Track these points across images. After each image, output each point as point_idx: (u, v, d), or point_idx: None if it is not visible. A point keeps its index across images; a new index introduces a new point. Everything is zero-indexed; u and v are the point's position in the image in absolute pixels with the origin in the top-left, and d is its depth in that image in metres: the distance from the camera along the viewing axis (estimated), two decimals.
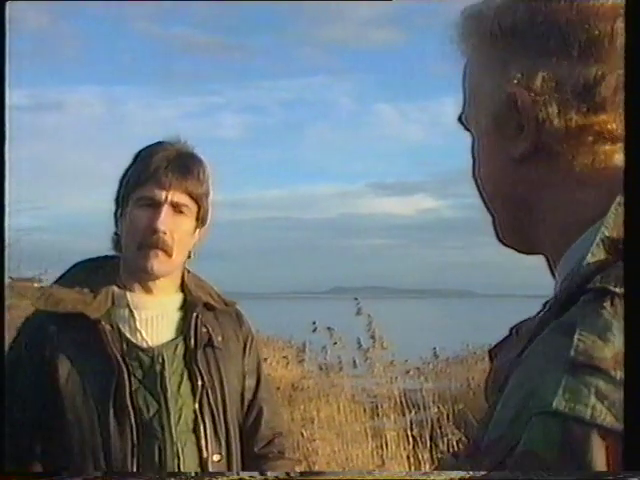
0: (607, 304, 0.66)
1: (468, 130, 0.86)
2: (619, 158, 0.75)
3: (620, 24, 0.74)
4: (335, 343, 7.65)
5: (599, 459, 0.60)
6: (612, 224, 0.71)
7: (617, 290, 0.66)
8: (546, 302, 0.76)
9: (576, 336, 0.64)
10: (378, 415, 6.75)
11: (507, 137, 0.78)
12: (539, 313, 0.76)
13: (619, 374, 0.62)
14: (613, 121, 0.74)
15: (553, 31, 0.75)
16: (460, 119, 0.87)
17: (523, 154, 0.77)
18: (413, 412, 6.55)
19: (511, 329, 0.82)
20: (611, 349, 0.63)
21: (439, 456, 5.82)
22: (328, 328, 7.73)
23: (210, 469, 1.79)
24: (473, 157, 0.85)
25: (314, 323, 7.85)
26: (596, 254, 0.70)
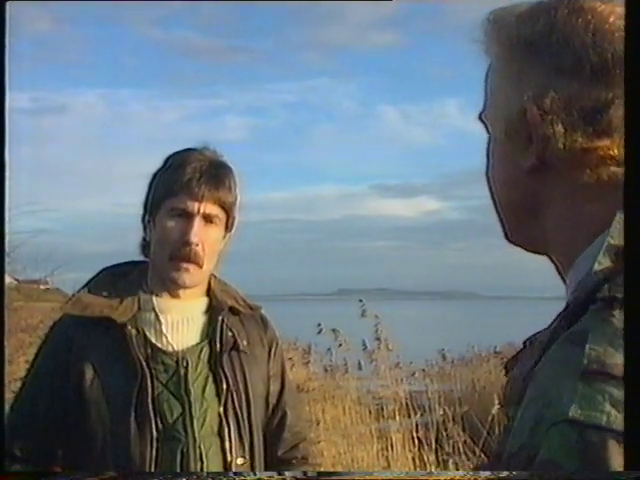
0: (616, 312, 0.68)
1: (487, 130, 0.89)
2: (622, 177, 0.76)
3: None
4: (340, 345, 7.64)
5: (617, 464, 0.62)
6: (617, 234, 0.74)
7: None
8: (559, 314, 0.78)
9: (587, 345, 0.66)
10: (383, 417, 6.74)
11: (517, 147, 0.82)
12: (551, 325, 0.78)
13: None
14: (616, 147, 0.76)
15: (567, 51, 0.78)
16: (480, 117, 0.90)
17: (531, 167, 0.80)
18: (418, 414, 6.54)
19: (525, 342, 0.84)
20: (622, 355, 0.65)
21: (444, 458, 5.81)
22: (333, 330, 7.72)
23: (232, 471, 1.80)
24: (487, 157, 0.89)
25: (319, 325, 7.83)
26: (602, 262, 0.73)
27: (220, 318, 1.88)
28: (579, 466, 0.63)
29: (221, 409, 1.81)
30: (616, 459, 0.62)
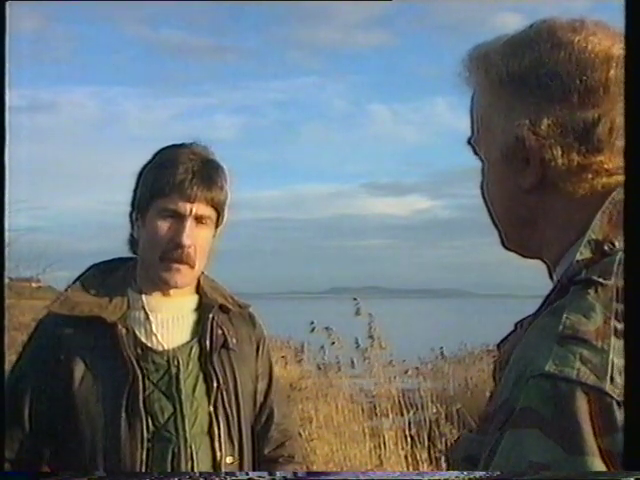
0: (591, 291, 0.80)
1: (477, 154, 0.98)
2: (614, 185, 0.87)
3: (612, 73, 0.86)
4: (333, 343, 7.64)
5: (583, 410, 0.72)
6: (597, 229, 0.85)
7: (600, 280, 0.80)
8: (544, 298, 0.88)
9: (564, 315, 0.78)
10: (376, 415, 6.75)
11: (515, 170, 0.91)
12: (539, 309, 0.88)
13: (600, 343, 0.75)
14: (609, 161, 0.87)
15: (556, 81, 0.87)
16: (470, 142, 0.99)
17: (531, 185, 0.90)
18: (411, 412, 6.55)
19: (516, 324, 0.94)
20: (593, 324, 0.77)
21: (437, 456, 5.82)
22: (326, 328, 7.72)
23: (223, 471, 1.79)
24: (483, 176, 0.98)
25: (312, 323, 7.83)
26: (584, 253, 0.84)
27: (210, 316, 1.86)
28: (551, 412, 0.72)
29: (211, 408, 1.80)
30: (582, 406, 0.72)
